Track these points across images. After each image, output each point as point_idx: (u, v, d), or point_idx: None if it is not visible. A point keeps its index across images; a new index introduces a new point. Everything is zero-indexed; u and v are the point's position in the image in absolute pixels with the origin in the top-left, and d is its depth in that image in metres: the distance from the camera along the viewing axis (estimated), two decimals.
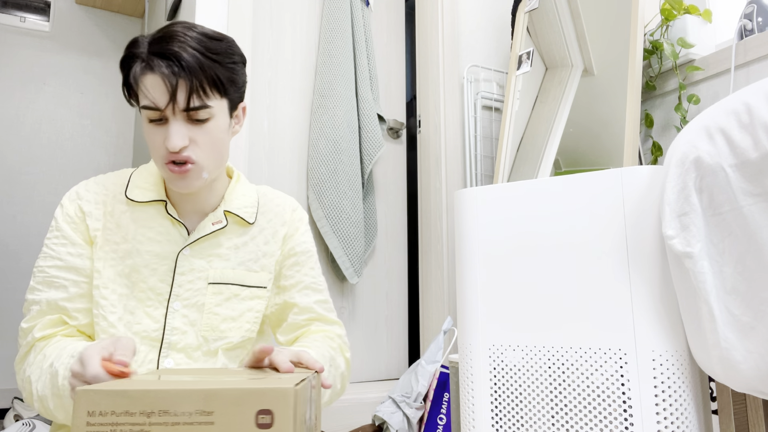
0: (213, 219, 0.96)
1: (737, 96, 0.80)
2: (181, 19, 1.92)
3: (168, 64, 0.81)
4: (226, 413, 0.53)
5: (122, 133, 2.94)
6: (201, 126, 0.86)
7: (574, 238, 1.05)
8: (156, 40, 0.83)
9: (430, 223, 2.00)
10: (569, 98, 1.62)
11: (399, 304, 2.11)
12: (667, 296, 0.95)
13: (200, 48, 0.83)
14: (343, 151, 1.87)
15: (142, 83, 0.84)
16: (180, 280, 0.93)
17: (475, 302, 1.15)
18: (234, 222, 0.99)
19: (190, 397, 0.52)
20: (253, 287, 0.99)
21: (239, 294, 0.97)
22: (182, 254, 0.94)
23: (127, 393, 0.51)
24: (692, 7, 1.66)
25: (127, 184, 0.96)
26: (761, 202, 0.76)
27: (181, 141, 0.84)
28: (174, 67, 0.81)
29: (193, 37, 0.83)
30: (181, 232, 0.95)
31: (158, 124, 0.85)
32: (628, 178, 1.00)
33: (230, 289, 0.96)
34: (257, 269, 0.99)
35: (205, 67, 0.83)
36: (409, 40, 2.36)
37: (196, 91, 0.83)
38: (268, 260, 1.01)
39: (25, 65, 2.73)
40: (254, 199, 1.02)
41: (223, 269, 0.96)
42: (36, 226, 2.67)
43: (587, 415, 0.98)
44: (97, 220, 0.93)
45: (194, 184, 0.89)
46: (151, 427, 0.51)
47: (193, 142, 0.86)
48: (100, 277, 0.91)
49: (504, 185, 1.13)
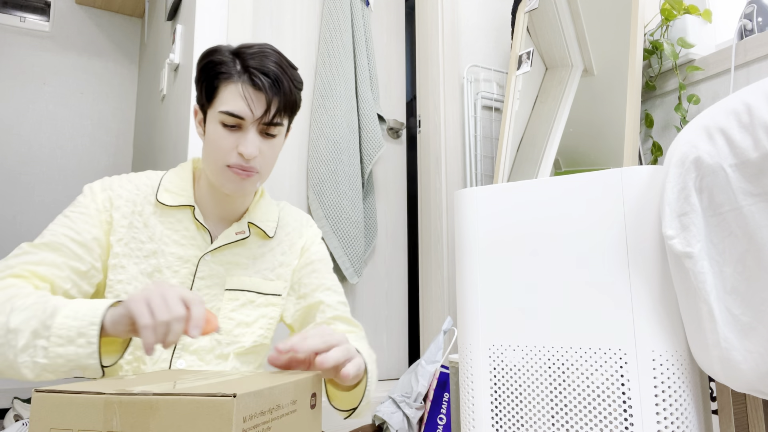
0: (237, 228, 1.01)
1: (737, 96, 0.80)
2: (181, 18, 1.92)
3: (270, 82, 0.91)
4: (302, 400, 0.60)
5: (122, 133, 2.94)
6: (270, 140, 0.95)
7: (574, 237, 1.05)
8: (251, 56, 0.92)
9: (430, 223, 2.00)
10: (569, 98, 1.62)
11: (399, 304, 2.11)
12: (667, 296, 0.95)
13: (289, 74, 0.94)
14: (343, 151, 1.87)
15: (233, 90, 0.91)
16: (199, 284, 0.97)
17: (475, 302, 1.15)
18: (255, 234, 1.04)
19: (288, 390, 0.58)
20: (268, 294, 1.03)
21: (254, 301, 1.01)
22: (204, 259, 0.98)
23: (262, 393, 0.52)
24: (692, 7, 1.66)
25: (158, 188, 1.00)
26: (761, 202, 0.76)
27: (256, 150, 0.92)
28: (275, 86, 0.91)
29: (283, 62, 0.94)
30: (205, 237, 0.99)
31: (231, 130, 0.92)
32: (628, 178, 1.00)
33: (246, 296, 1.00)
34: (273, 278, 1.04)
35: (292, 92, 0.94)
36: (409, 40, 2.36)
37: (281, 110, 0.93)
38: (284, 269, 1.05)
39: (25, 65, 2.73)
40: (276, 214, 1.08)
41: (240, 276, 1.00)
42: (36, 226, 2.67)
43: (587, 415, 0.98)
44: (124, 216, 0.96)
45: (248, 190, 0.96)
46: (272, 423, 0.54)
47: (261, 154, 0.94)
48: (124, 272, 0.94)
49: (504, 185, 1.13)
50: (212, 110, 0.94)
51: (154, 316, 0.69)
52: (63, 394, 0.51)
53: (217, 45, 0.95)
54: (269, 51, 0.94)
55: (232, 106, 0.91)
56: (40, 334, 0.75)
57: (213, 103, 0.94)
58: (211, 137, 0.94)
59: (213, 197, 1.00)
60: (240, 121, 0.91)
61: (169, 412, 0.48)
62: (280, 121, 0.94)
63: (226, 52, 0.94)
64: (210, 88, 0.94)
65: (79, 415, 0.50)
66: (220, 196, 1.00)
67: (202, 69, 0.94)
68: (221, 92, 0.92)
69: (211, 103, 0.94)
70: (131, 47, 3.01)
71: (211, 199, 1.00)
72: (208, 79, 0.94)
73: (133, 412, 0.49)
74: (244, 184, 0.94)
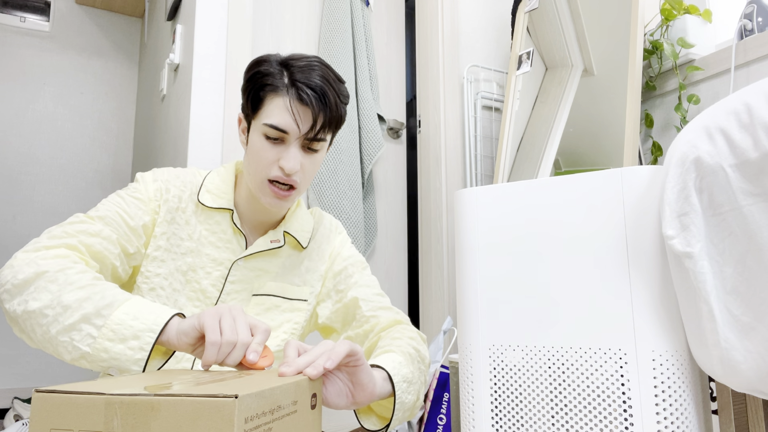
0: (272, 237, 1.01)
1: (737, 96, 0.80)
2: (181, 19, 1.92)
3: (317, 97, 0.90)
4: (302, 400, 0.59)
5: (122, 133, 2.94)
6: (312, 155, 0.94)
7: (573, 237, 1.05)
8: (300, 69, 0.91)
9: (430, 223, 2.00)
10: (569, 98, 1.62)
11: (399, 304, 2.11)
12: (667, 296, 0.95)
13: (336, 89, 0.93)
14: (343, 151, 1.87)
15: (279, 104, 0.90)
16: (229, 288, 0.97)
17: (475, 302, 1.15)
18: (289, 243, 1.04)
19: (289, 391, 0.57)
20: (294, 300, 1.02)
21: (280, 306, 1.01)
22: (236, 264, 0.98)
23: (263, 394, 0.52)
24: (692, 7, 1.66)
25: (200, 187, 1.00)
26: (761, 202, 0.76)
27: (298, 165, 0.91)
28: (321, 102, 0.90)
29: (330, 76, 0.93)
30: (241, 242, 0.99)
31: (274, 143, 0.91)
32: (628, 178, 1.00)
33: (271, 301, 1.00)
34: (299, 283, 1.04)
35: (338, 107, 0.93)
36: (409, 40, 2.36)
37: (325, 126, 0.92)
38: (311, 275, 1.05)
39: (25, 65, 2.73)
40: (311, 226, 1.07)
41: (267, 283, 1.00)
42: (36, 226, 2.67)
43: (587, 415, 0.98)
44: (170, 211, 0.96)
45: (287, 206, 0.96)
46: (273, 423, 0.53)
47: (302, 169, 0.93)
48: (164, 266, 0.94)
49: (504, 185, 1.13)
50: (257, 121, 0.93)
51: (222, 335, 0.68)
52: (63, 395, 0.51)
53: (267, 54, 0.95)
54: (317, 64, 0.92)
55: (278, 119, 0.90)
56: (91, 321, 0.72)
57: (258, 114, 0.93)
58: (254, 148, 0.93)
59: (251, 205, 1.00)
60: (284, 135, 0.91)
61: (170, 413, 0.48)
62: (324, 136, 0.93)
63: (275, 62, 0.93)
64: (256, 98, 0.93)
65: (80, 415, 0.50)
66: (259, 205, 1.00)
67: (250, 79, 0.94)
68: (267, 104, 0.91)
69: (256, 114, 0.93)
70: (131, 47, 3.01)
71: (250, 206, 1.00)
72: (254, 89, 0.93)
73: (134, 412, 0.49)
74: (282, 202, 0.94)
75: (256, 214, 1.01)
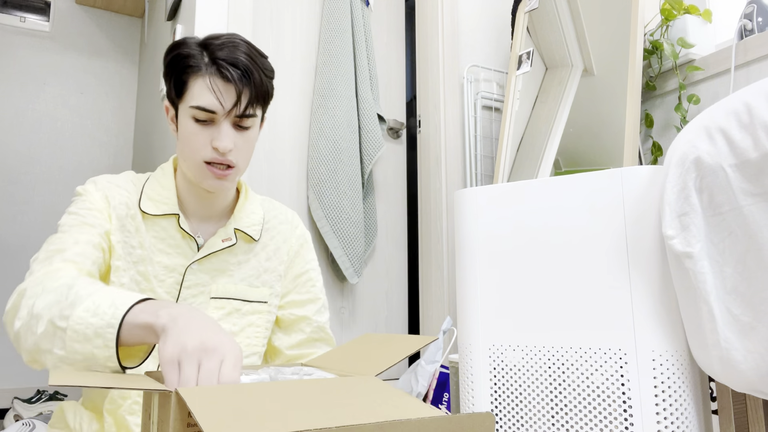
0: (223, 236, 0.98)
1: (737, 96, 0.80)
2: (181, 18, 1.92)
3: (239, 73, 0.88)
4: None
5: (122, 133, 2.94)
6: (244, 133, 0.92)
7: (573, 237, 1.05)
8: (219, 47, 0.88)
9: (430, 223, 2.00)
10: (569, 98, 1.62)
11: (399, 304, 2.11)
12: (667, 296, 0.95)
13: (259, 64, 0.91)
14: (343, 151, 1.87)
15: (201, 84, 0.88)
16: (185, 293, 0.94)
17: (475, 302, 1.15)
18: (242, 239, 1.01)
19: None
20: (254, 302, 1.00)
21: (240, 309, 0.99)
22: (190, 268, 0.95)
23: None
24: (692, 7, 1.66)
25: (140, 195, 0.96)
26: (761, 202, 0.76)
27: (231, 143, 0.89)
28: (245, 77, 0.88)
29: (252, 52, 0.90)
30: (192, 246, 0.96)
31: (204, 125, 0.90)
32: (628, 178, 1.00)
33: (231, 304, 0.98)
34: (258, 285, 1.01)
35: (263, 82, 0.91)
36: (409, 40, 2.36)
37: (253, 102, 0.90)
38: (269, 276, 1.03)
39: (25, 65, 2.73)
40: (260, 216, 1.04)
41: (225, 284, 0.98)
42: (36, 226, 2.67)
43: (587, 415, 0.98)
44: (119, 218, 0.93)
45: (227, 186, 0.93)
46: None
47: (237, 147, 0.91)
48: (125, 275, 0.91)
49: (504, 185, 1.13)
50: (183, 105, 0.91)
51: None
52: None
53: (184, 37, 0.92)
54: (238, 41, 0.90)
55: (202, 100, 0.88)
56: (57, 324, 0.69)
57: (183, 97, 0.91)
58: (185, 133, 0.91)
59: (194, 195, 0.97)
60: (212, 116, 0.89)
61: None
62: (253, 112, 0.91)
63: (193, 44, 0.91)
64: (179, 82, 0.91)
65: None
66: (201, 194, 0.97)
67: (170, 63, 0.91)
68: (190, 86, 0.89)
69: (181, 98, 0.91)
70: (131, 47, 3.01)
71: (193, 197, 0.98)
72: (176, 73, 0.91)
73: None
74: (222, 182, 0.92)
75: (201, 206, 0.98)
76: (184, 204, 0.98)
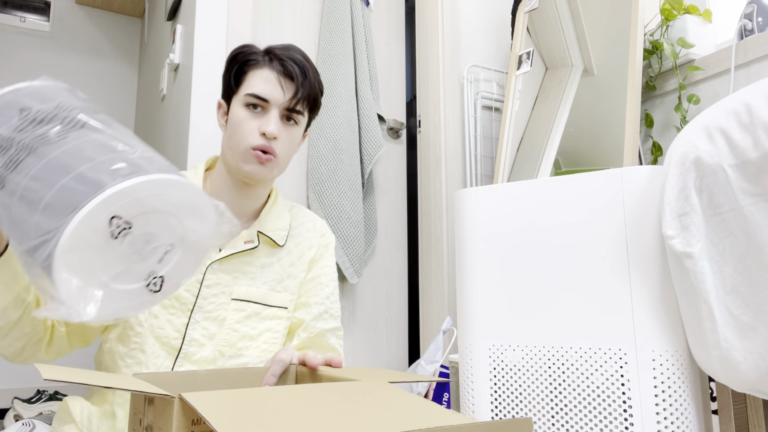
0: (246, 237, 0.99)
1: (737, 96, 0.80)
2: (181, 18, 1.92)
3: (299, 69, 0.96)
4: None
5: None
6: (290, 127, 0.97)
7: (573, 238, 1.05)
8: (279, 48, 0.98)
9: (430, 223, 2.00)
10: (569, 98, 1.62)
11: (399, 304, 2.11)
12: (667, 296, 0.95)
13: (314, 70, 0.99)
14: (343, 151, 1.87)
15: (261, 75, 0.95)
16: (205, 292, 0.95)
17: (475, 302, 1.15)
18: (264, 242, 1.02)
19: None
20: (274, 307, 1.01)
21: (260, 313, 0.99)
22: (211, 267, 0.96)
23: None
24: (692, 7, 1.66)
25: None
26: (761, 202, 0.76)
27: (277, 131, 0.94)
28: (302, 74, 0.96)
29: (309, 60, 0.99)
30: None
31: (255, 113, 0.95)
32: (628, 178, 1.00)
33: (252, 307, 0.98)
34: (280, 290, 1.02)
35: (315, 86, 0.99)
36: (409, 40, 2.36)
37: (305, 99, 0.97)
38: (291, 281, 1.04)
39: (25, 65, 2.73)
40: (287, 223, 1.06)
41: (247, 287, 0.98)
42: None
43: (587, 415, 0.98)
44: None
45: (267, 176, 0.97)
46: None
47: (281, 139, 0.96)
48: None
49: (504, 185, 1.13)
50: (238, 95, 0.97)
51: None
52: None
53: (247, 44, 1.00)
54: (297, 48, 0.99)
55: (260, 88, 0.94)
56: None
57: (240, 88, 0.97)
58: (235, 120, 0.96)
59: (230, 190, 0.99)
60: (265, 104, 0.95)
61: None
62: (302, 109, 0.97)
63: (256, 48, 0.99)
64: (239, 73, 0.97)
65: None
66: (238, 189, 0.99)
67: (233, 58, 0.98)
68: (249, 77, 0.96)
69: (238, 88, 0.97)
70: (131, 47, 3.01)
71: (228, 192, 1.00)
72: (238, 66, 0.97)
73: None
74: (263, 169, 0.95)
75: (232, 203, 1.00)
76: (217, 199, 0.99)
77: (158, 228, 0.57)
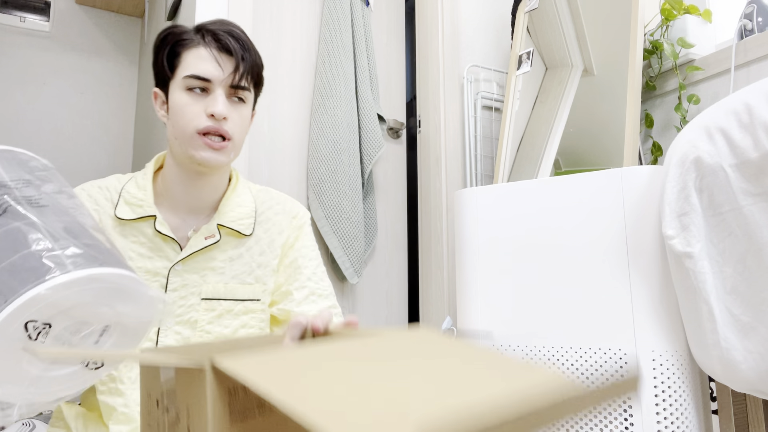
0: (206, 233, 0.93)
1: (737, 96, 0.80)
2: (181, 18, 1.92)
3: (238, 44, 0.89)
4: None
5: (122, 133, 2.94)
6: (238, 106, 0.91)
7: (573, 238, 1.05)
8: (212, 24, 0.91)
9: (430, 223, 2.00)
10: (569, 98, 1.62)
11: (399, 304, 2.11)
12: (667, 296, 0.95)
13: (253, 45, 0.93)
14: (343, 151, 1.87)
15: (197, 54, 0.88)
16: (173, 296, 0.90)
17: (475, 302, 1.15)
18: (228, 234, 0.95)
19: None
20: (245, 301, 0.95)
21: (232, 309, 0.94)
22: (174, 270, 0.91)
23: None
24: (692, 7, 1.66)
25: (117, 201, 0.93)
26: (761, 202, 0.76)
27: (226, 110, 0.87)
28: (242, 49, 0.89)
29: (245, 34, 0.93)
30: (174, 246, 0.92)
31: (197, 95, 0.88)
32: (628, 178, 1.00)
33: (222, 305, 0.93)
34: (251, 281, 0.96)
35: (257, 59, 0.93)
36: (409, 40, 2.36)
37: (248, 73, 0.90)
38: (262, 271, 0.98)
39: (25, 65, 2.73)
40: (251, 210, 0.99)
41: (215, 284, 0.93)
42: None
43: (587, 415, 0.98)
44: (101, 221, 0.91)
45: (223, 162, 0.91)
46: None
47: (231, 119, 0.89)
48: None
49: (504, 185, 1.13)
50: (175, 80, 0.89)
51: None
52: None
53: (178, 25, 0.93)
54: (231, 22, 0.93)
55: (199, 68, 0.87)
56: None
57: (176, 71, 0.89)
58: (176, 106, 0.88)
59: (183, 184, 0.93)
60: (207, 84, 0.88)
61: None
62: (248, 85, 0.90)
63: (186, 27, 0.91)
64: (172, 55, 0.90)
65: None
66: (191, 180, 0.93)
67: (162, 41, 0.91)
68: (184, 58, 0.89)
69: (174, 72, 0.90)
70: (131, 47, 3.01)
71: (181, 186, 0.93)
72: (169, 48, 0.90)
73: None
74: (218, 155, 0.89)
75: (188, 197, 0.94)
76: (171, 196, 0.94)
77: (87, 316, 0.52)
